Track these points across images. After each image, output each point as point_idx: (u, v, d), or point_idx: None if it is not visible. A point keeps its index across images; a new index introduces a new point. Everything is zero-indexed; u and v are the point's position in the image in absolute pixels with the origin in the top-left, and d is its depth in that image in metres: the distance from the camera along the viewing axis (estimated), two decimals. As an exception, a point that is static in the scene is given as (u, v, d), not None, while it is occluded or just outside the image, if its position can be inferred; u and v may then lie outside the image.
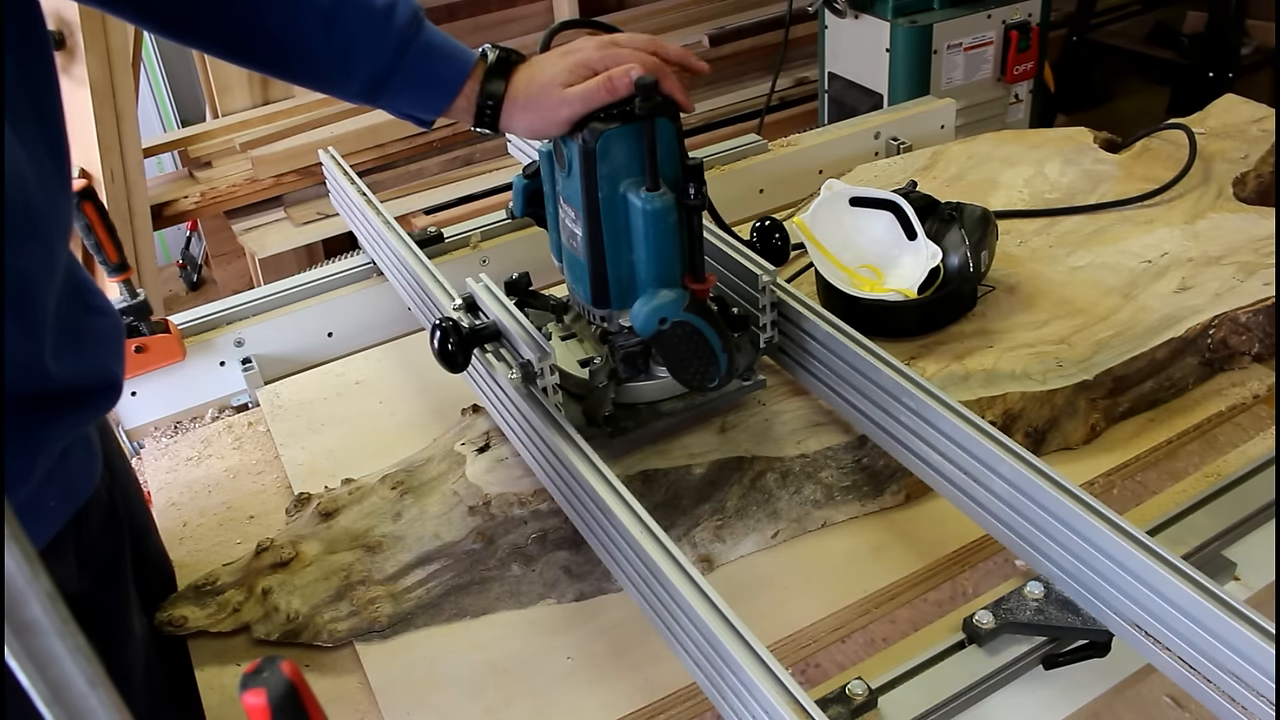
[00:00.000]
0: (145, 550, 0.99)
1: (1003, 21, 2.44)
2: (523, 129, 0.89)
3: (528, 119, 0.88)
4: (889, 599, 0.93)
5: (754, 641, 0.69)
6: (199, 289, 3.47)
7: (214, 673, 0.91)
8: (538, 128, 0.88)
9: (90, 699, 0.34)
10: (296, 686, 0.42)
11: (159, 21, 0.88)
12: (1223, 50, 3.16)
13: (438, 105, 0.90)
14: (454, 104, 0.89)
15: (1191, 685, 0.71)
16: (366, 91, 0.89)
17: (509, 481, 0.97)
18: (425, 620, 0.94)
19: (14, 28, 0.66)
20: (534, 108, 0.87)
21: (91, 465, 0.77)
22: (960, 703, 0.77)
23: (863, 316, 1.08)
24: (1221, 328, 1.10)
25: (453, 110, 0.90)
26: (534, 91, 0.87)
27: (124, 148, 2.43)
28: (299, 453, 1.15)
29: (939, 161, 1.51)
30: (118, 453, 0.97)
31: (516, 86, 0.88)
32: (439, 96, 0.89)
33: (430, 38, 0.88)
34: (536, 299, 1.09)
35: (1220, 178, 1.38)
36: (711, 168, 1.51)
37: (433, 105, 0.90)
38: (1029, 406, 1.02)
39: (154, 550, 1.00)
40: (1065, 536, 0.78)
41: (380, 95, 0.89)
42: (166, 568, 1.01)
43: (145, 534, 0.99)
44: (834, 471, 1.00)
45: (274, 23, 0.86)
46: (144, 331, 1.18)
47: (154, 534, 1.01)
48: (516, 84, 0.88)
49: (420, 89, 0.89)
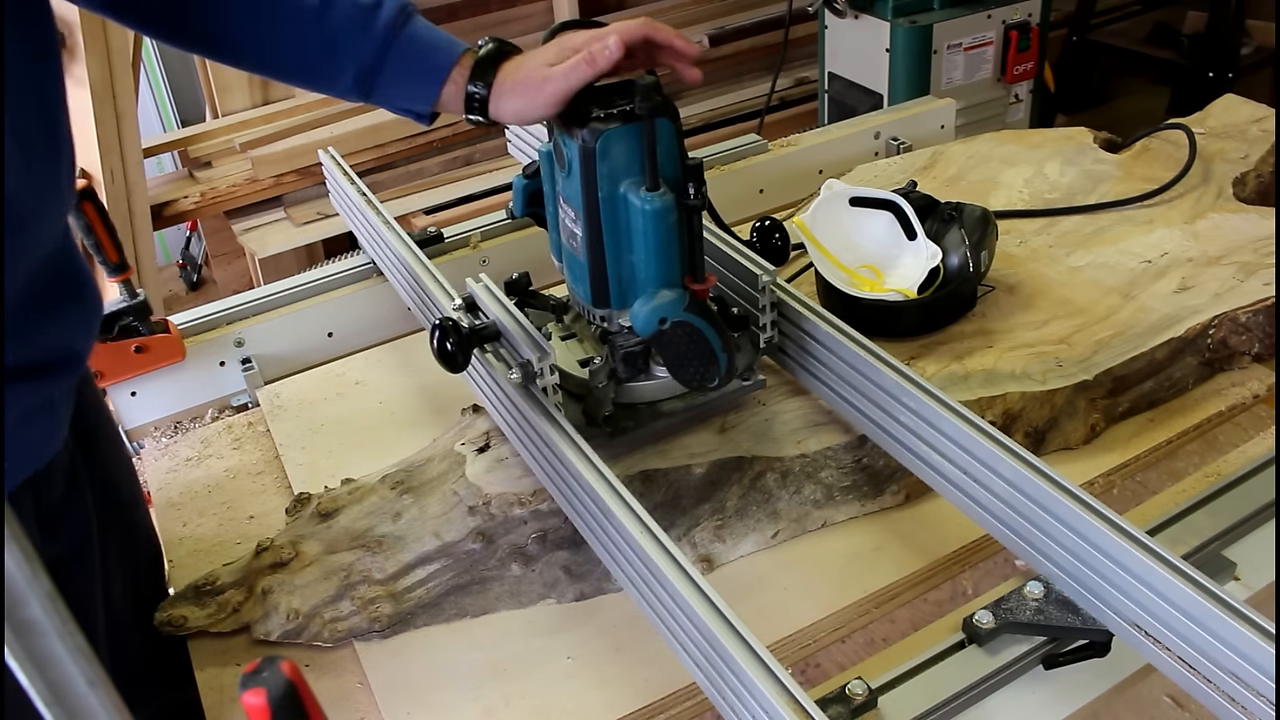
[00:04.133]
0: (135, 522, 1.00)
1: (1003, 21, 2.43)
2: (510, 113, 0.89)
3: (515, 102, 0.87)
4: (889, 599, 0.93)
5: (754, 641, 0.69)
6: (199, 289, 3.47)
7: (214, 673, 0.91)
8: (524, 110, 0.88)
9: (90, 699, 0.34)
10: (296, 686, 0.42)
11: (148, 21, 0.89)
12: (1223, 50, 3.16)
13: (428, 95, 0.89)
14: (444, 93, 0.89)
15: (1191, 685, 0.71)
16: (358, 86, 0.90)
17: (509, 481, 0.97)
18: (425, 620, 0.94)
19: (19, 24, 0.66)
20: (520, 90, 0.87)
21: (53, 432, 0.81)
22: (960, 703, 0.77)
23: (863, 316, 1.08)
24: (1221, 328, 1.10)
25: (444, 101, 0.90)
26: (521, 76, 0.87)
27: (124, 148, 2.43)
28: (299, 453, 1.15)
29: (939, 161, 1.51)
30: (103, 418, 0.98)
31: (505, 72, 0.88)
32: (428, 85, 0.89)
33: (418, 29, 0.89)
34: (536, 299, 1.09)
35: (1220, 178, 1.38)
36: (711, 168, 1.51)
37: (423, 95, 0.90)
38: (1029, 406, 1.02)
39: (143, 524, 1.02)
40: (1065, 536, 0.78)
41: (372, 89, 0.90)
42: (155, 544, 1.03)
43: (134, 505, 1.01)
44: (834, 471, 1.00)
45: (263, 22, 0.87)
46: (144, 331, 1.18)
47: (143, 507, 1.03)
48: (505, 70, 0.88)
49: (409, 79, 0.89)
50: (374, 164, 2.85)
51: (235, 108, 2.93)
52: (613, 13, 3.38)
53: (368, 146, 2.82)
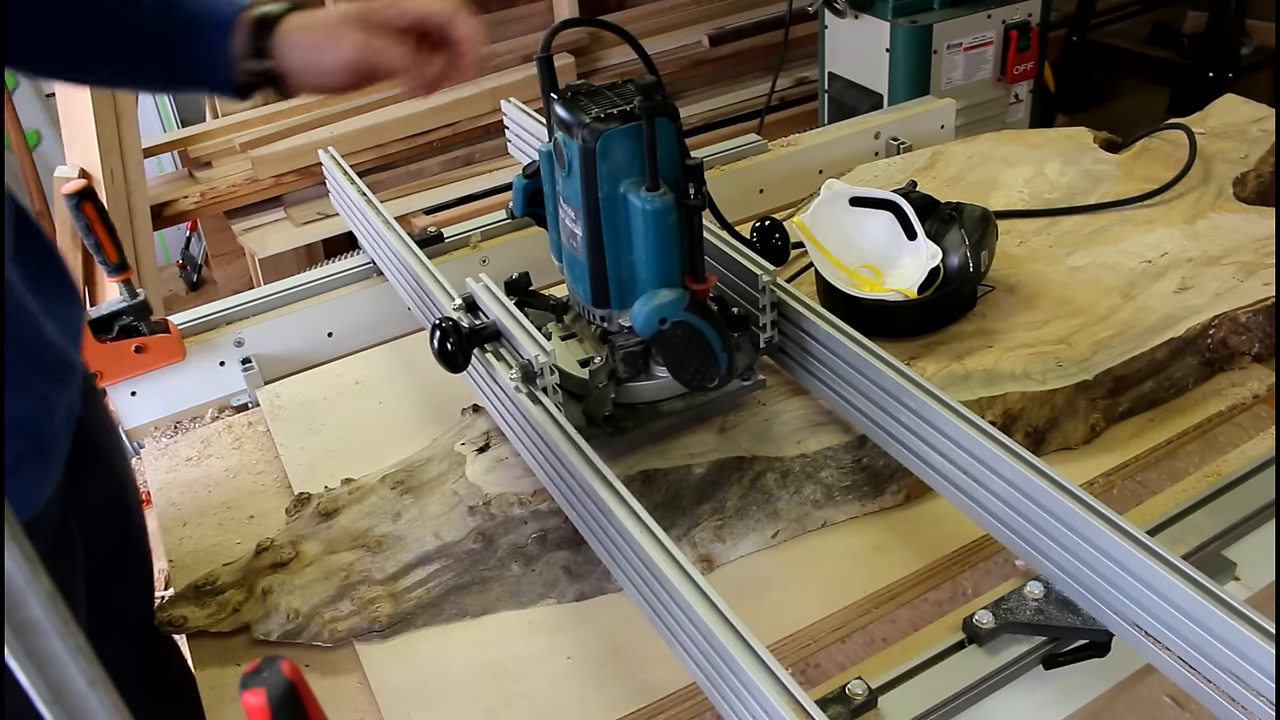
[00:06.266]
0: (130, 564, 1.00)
1: (1003, 21, 2.43)
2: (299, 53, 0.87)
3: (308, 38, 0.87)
4: (889, 599, 0.93)
5: (754, 641, 0.69)
6: (199, 289, 3.47)
7: (214, 673, 0.91)
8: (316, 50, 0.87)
9: (90, 699, 0.34)
10: (296, 686, 0.42)
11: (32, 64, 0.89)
12: (1223, 50, 3.16)
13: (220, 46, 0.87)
14: (234, 41, 0.87)
15: (1191, 685, 0.71)
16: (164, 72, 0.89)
17: (509, 481, 0.97)
18: (425, 620, 0.94)
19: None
20: (317, 28, 0.87)
21: (42, 481, 0.78)
22: (960, 703, 0.77)
23: (863, 316, 1.08)
24: (1221, 328, 1.10)
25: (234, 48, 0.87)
26: (320, 17, 0.87)
27: (124, 148, 2.43)
28: (299, 453, 1.15)
29: (939, 161, 1.51)
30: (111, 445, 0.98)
31: (297, 17, 0.88)
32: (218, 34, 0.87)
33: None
34: (536, 299, 1.09)
35: (1220, 178, 1.38)
36: (711, 168, 1.51)
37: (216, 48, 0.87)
38: (1029, 406, 1.02)
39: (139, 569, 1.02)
40: (1065, 536, 0.78)
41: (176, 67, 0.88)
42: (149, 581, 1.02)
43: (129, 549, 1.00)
44: (834, 471, 1.00)
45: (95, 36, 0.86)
46: (144, 331, 1.18)
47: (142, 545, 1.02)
48: (297, 17, 0.88)
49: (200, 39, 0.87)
50: (374, 164, 2.85)
51: (235, 107, 2.93)
52: (613, 12, 3.38)
53: (368, 146, 2.82)
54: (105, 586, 0.93)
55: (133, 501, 1.02)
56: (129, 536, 1.00)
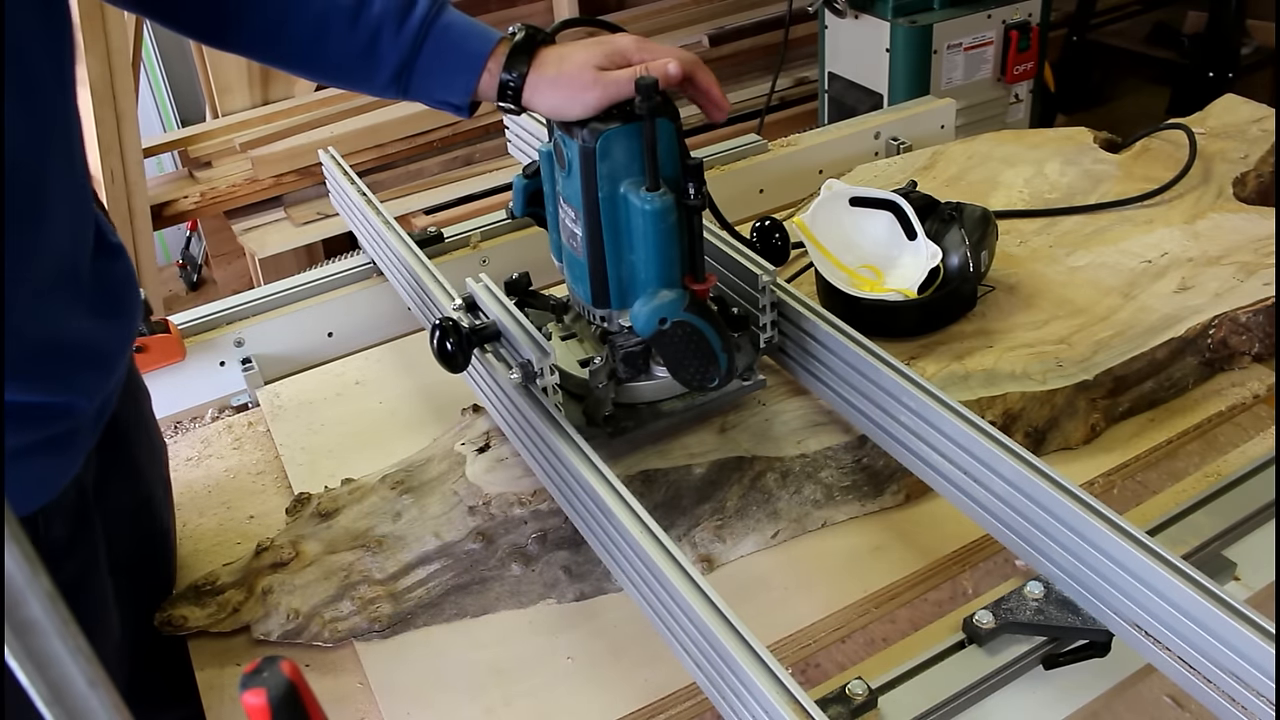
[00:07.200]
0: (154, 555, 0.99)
1: (1003, 21, 2.43)
2: (547, 106, 0.87)
3: (555, 95, 0.86)
4: (889, 599, 0.93)
5: (754, 641, 0.69)
6: (199, 289, 3.47)
7: (214, 673, 0.91)
8: (562, 106, 0.86)
9: (90, 699, 0.34)
10: (296, 686, 0.42)
11: (190, 26, 0.89)
12: (1223, 50, 3.16)
13: (465, 86, 0.88)
14: (481, 82, 0.88)
15: (1191, 685, 0.71)
16: (395, 83, 0.89)
17: (509, 481, 0.97)
18: (425, 620, 0.94)
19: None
20: (563, 84, 0.86)
21: (57, 472, 0.78)
22: (960, 703, 0.77)
23: (863, 316, 1.08)
24: (1221, 328, 1.10)
25: (482, 90, 0.89)
26: (566, 68, 0.86)
27: (124, 148, 2.43)
28: (299, 453, 1.15)
29: (939, 161, 1.51)
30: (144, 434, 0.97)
31: (546, 62, 0.87)
32: (465, 75, 0.88)
33: (452, 19, 0.88)
34: (536, 299, 1.09)
35: (1220, 178, 1.38)
36: (711, 168, 1.51)
37: (460, 86, 0.89)
38: (1029, 406, 1.02)
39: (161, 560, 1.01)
40: (1065, 536, 0.78)
41: (409, 83, 0.89)
42: (170, 575, 1.01)
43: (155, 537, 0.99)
44: (834, 471, 1.00)
45: (301, 23, 0.87)
46: (144, 331, 1.18)
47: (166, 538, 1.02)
48: (546, 59, 0.87)
49: (446, 71, 0.88)
50: (374, 164, 2.85)
51: (235, 107, 2.93)
52: (613, 12, 3.38)
53: (368, 146, 2.82)
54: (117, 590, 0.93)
55: (160, 513, 1.00)
56: (151, 545, 0.99)
